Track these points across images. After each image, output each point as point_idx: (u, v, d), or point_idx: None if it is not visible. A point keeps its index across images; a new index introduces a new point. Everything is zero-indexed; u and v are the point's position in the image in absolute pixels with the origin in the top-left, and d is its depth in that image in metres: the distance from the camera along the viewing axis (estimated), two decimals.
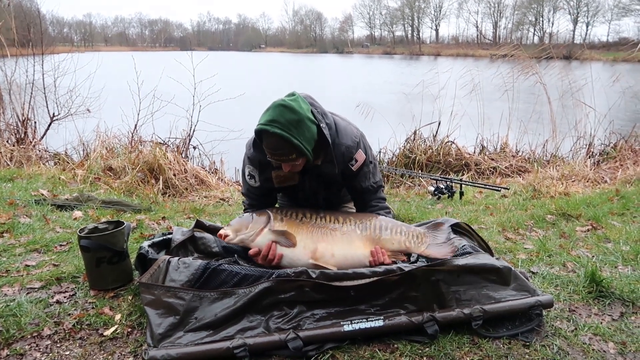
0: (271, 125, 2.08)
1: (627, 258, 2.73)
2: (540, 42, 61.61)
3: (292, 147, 2.12)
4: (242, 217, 2.29)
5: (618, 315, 2.12)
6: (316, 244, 2.22)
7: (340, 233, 2.27)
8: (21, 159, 5.49)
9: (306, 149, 2.16)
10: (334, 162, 2.33)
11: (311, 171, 2.40)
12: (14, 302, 2.06)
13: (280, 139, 2.08)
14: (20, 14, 7.87)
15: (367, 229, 2.30)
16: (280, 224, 2.24)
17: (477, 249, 2.26)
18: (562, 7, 70.07)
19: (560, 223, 3.44)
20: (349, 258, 2.25)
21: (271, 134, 2.08)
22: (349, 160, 2.41)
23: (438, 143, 6.50)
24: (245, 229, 2.23)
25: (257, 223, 2.24)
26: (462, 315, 1.92)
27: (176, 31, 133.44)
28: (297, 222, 2.26)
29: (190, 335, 1.77)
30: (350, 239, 2.27)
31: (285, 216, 2.27)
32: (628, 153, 6.25)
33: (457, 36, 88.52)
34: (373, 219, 2.34)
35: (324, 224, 2.28)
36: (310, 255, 2.20)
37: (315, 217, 2.29)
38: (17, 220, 3.12)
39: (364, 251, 2.26)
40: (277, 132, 2.07)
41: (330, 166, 2.34)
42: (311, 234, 2.24)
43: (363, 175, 2.48)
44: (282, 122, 2.09)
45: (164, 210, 3.75)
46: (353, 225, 2.30)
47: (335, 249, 2.23)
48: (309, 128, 2.18)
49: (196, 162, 6.15)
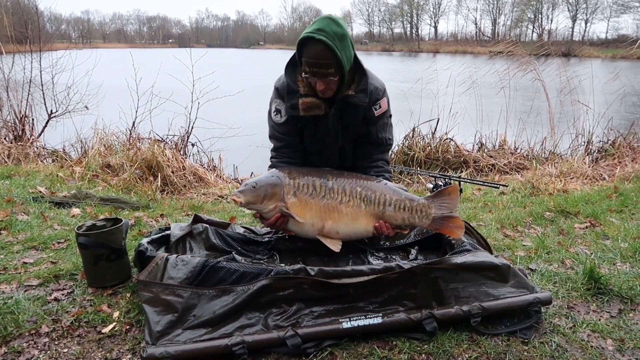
0: (318, 33, 2.15)
1: (625, 255, 2.73)
2: (539, 39, 61.59)
3: (334, 59, 2.19)
4: (257, 187, 2.26)
5: (616, 312, 2.12)
6: (323, 221, 2.29)
7: (345, 210, 2.30)
8: (19, 156, 5.47)
9: (345, 66, 2.24)
10: (366, 91, 2.39)
11: (338, 103, 2.43)
12: (12, 299, 2.06)
13: (325, 48, 2.15)
14: (18, 10, 7.83)
15: (372, 204, 2.31)
16: (292, 199, 2.27)
17: (476, 246, 2.26)
18: (561, 4, 70.07)
19: (559, 220, 3.44)
20: (353, 234, 2.37)
21: (317, 41, 2.14)
22: (374, 101, 2.48)
23: (437, 140, 6.49)
24: (259, 203, 2.26)
25: (270, 200, 2.26)
26: (460, 312, 1.92)
27: (174, 28, 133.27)
28: (307, 198, 2.28)
29: (189, 332, 1.77)
30: (355, 216, 2.31)
31: (298, 190, 2.28)
32: (626, 150, 6.25)
33: (455, 33, 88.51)
34: (378, 192, 2.32)
35: (331, 199, 2.29)
36: (317, 232, 2.31)
37: (324, 189, 2.30)
38: (15, 218, 3.11)
39: (367, 227, 2.34)
40: (323, 39, 2.14)
41: (362, 96, 2.39)
42: (319, 212, 2.29)
43: (382, 125, 2.56)
44: (329, 32, 2.16)
45: (162, 208, 3.74)
46: (358, 200, 2.30)
47: (341, 226, 2.31)
48: (350, 48, 2.28)
49: (194, 159, 6.13)
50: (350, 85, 2.42)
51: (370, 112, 2.50)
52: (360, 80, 2.42)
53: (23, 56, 6.56)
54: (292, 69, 2.43)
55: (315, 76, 2.26)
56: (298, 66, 2.38)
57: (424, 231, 2.56)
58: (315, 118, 2.46)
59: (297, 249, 2.51)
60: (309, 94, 2.39)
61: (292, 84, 2.40)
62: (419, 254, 2.45)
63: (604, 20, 66.87)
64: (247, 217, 3.55)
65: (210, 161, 6.15)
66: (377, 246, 2.55)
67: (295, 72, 2.43)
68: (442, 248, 2.41)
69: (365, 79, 2.42)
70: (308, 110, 2.41)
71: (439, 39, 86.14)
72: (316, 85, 2.31)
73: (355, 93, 2.41)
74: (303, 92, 2.38)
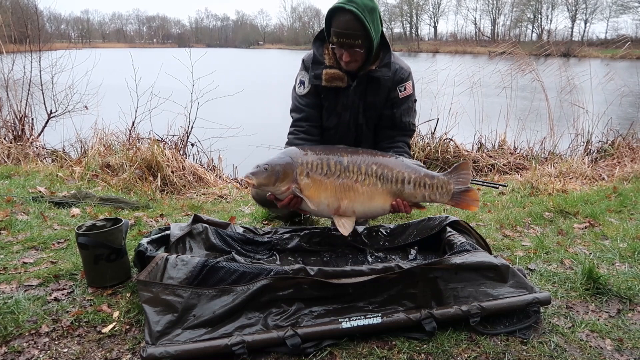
0: (348, 4, 2.21)
1: (624, 255, 2.74)
2: (538, 39, 61.60)
3: (362, 30, 2.23)
4: (269, 168, 2.21)
5: (615, 312, 2.12)
6: (339, 201, 2.25)
7: (361, 189, 2.25)
8: (18, 156, 5.47)
9: (373, 38, 2.28)
10: (389, 66, 2.43)
11: (360, 78, 2.45)
12: (12, 299, 2.06)
13: (354, 18, 2.21)
14: (18, 10, 7.83)
15: (389, 182, 2.26)
16: (306, 180, 2.22)
17: (475, 246, 2.26)
18: (560, 4, 70.10)
19: (558, 220, 3.45)
20: (369, 213, 2.36)
21: (347, 11, 2.20)
22: (399, 81, 2.52)
23: (436, 140, 6.49)
24: (271, 185, 2.23)
25: (282, 181, 2.22)
26: (460, 312, 1.92)
27: (174, 28, 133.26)
28: (321, 179, 2.23)
29: (189, 332, 1.77)
30: (372, 195, 2.27)
31: (311, 170, 2.23)
32: (626, 150, 6.26)
33: (455, 33, 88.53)
34: (395, 169, 2.27)
35: (346, 178, 2.24)
36: (333, 212, 2.28)
37: (339, 168, 2.24)
38: (15, 218, 3.11)
39: (384, 205, 2.31)
40: (353, 10, 2.19)
41: (385, 70, 2.43)
42: (335, 192, 2.24)
43: (406, 109, 2.57)
44: (359, 4, 2.22)
45: (162, 208, 3.74)
46: (374, 178, 2.26)
47: (357, 205, 2.27)
48: (379, 22, 2.33)
49: (194, 159, 6.13)
50: (375, 62, 2.46)
51: (395, 92, 2.52)
52: (384, 55, 2.47)
53: (23, 56, 6.55)
54: (319, 42, 2.51)
55: (343, 47, 2.30)
56: (325, 40, 2.45)
57: (424, 231, 2.56)
58: (336, 91, 2.49)
59: (296, 248, 2.52)
60: (334, 66, 2.45)
61: (318, 55, 2.47)
62: (418, 254, 2.46)
63: (604, 20, 67.03)
64: (246, 217, 3.56)
65: (210, 161, 6.15)
66: (377, 246, 2.56)
67: (322, 46, 2.50)
68: (442, 248, 2.41)
69: (389, 54, 2.47)
70: (330, 81, 2.46)
71: (438, 39, 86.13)
72: (342, 56, 2.34)
73: (378, 67, 2.45)
74: (328, 64, 2.45)
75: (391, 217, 3.51)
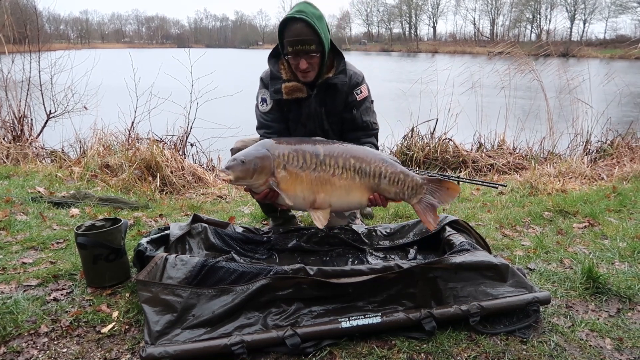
0: (297, 14, 2.36)
1: (623, 254, 2.74)
2: (537, 39, 61.64)
3: (314, 35, 2.37)
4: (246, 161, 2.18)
5: (615, 312, 2.12)
6: (315, 195, 2.23)
7: (339, 182, 2.23)
8: (18, 156, 5.47)
9: (325, 43, 2.42)
10: (345, 72, 2.56)
11: (319, 87, 2.57)
12: (11, 299, 2.06)
13: (305, 25, 2.35)
14: (17, 10, 7.82)
15: (367, 176, 2.25)
16: (283, 173, 2.19)
17: (474, 246, 2.26)
18: (559, 5, 70.19)
19: (558, 220, 3.45)
20: (346, 206, 2.37)
21: (298, 19, 2.35)
22: (355, 85, 2.65)
23: (436, 140, 6.49)
24: (248, 178, 2.19)
25: (260, 174, 2.18)
26: (459, 311, 1.92)
27: (173, 28, 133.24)
28: (297, 171, 2.20)
29: (188, 332, 1.77)
30: (349, 189, 2.26)
31: (288, 162, 2.20)
32: (625, 150, 6.26)
33: (454, 33, 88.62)
34: (373, 164, 2.26)
35: (323, 171, 2.21)
36: (309, 205, 2.25)
37: (315, 162, 2.22)
38: (14, 218, 3.11)
39: (361, 199, 2.30)
40: (303, 17, 2.34)
41: (342, 77, 2.56)
42: (310, 184, 2.22)
43: (365, 109, 2.68)
44: (308, 13, 2.37)
45: (161, 208, 3.74)
46: (352, 172, 2.24)
47: (334, 199, 2.26)
48: (327, 30, 2.47)
49: (193, 159, 6.13)
50: (330, 70, 2.58)
51: (352, 96, 2.64)
52: (339, 63, 2.59)
53: (22, 56, 6.54)
54: (274, 59, 2.62)
55: (299, 54, 2.41)
56: (279, 57, 2.58)
57: (423, 230, 2.56)
58: (298, 102, 2.58)
59: (296, 248, 2.52)
60: (292, 79, 2.56)
61: (275, 72, 2.57)
62: (417, 254, 2.46)
63: (602, 20, 67.06)
64: (246, 217, 3.56)
65: (209, 161, 6.14)
66: (377, 246, 2.56)
67: (277, 62, 2.61)
68: (441, 248, 2.41)
69: (343, 61, 2.59)
70: (291, 93, 2.55)
71: (437, 39, 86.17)
72: (299, 65, 2.44)
73: (335, 75, 2.57)
74: (286, 78, 2.55)
75: (391, 217, 3.51)
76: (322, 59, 2.50)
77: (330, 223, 2.72)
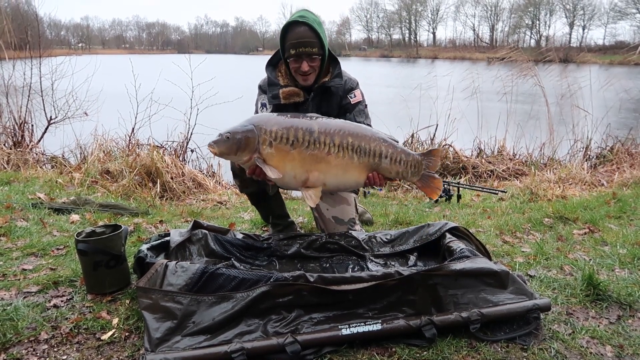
0: (300, 18, 2.44)
1: (624, 261, 2.73)
2: (537, 45, 61.89)
3: (317, 38, 2.45)
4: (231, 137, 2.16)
5: (615, 319, 2.12)
6: (308, 173, 2.19)
7: (335, 161, 2.19)
8: (18, 162, 5.47)
9: (325, 46, 2.51)
10: (341, 76, 2.64)
11: (316, 91, 2.63)
12: (11, 306, 2.06)
13: (308, 29, 2.43)
14: (18, 16, 7.86)
15: (366, 156, 2.23)
16: (268, 150, 2.15)
17: (475, 252, 2.26)
18: (558, 11, 70.48)
19: (558, 226, 3.45)
20: (342, 186, 2.36)
21: (301, 23, 2.43)
22: (349, 90, 2.73)
23: (435, 146, 6.50)
24: (233, 154, 2.18)
25: (244, 150, 2.16)
26: (460, 318, 1.92)
27: (174, 34, 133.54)
28: (287, 148, 2.16)
29: (188, 339, 1.76)
30: (346, 168, 2.23)
31: (275, 140, 2.16)
32: (625, 156, 6.27)
33: (454, 39, 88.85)
34: (372, 143, 2.24)
35: (317, 150, 2.17)
36: (300, 184, 2.21)
37: (309, 139, 2.16)
38: (14, 224, 3.11)
39: (358, 179, 2.27)
40: (305, 21, 2.42)
41: (337, 80, 2.63)
42: (302, 162, 2.17)
43: (359, 112, 2.74)
44: (309, 18, 2.45)
45: (161, 214, 3.74)
46: (350, 152, 2.21)
47: (328, 178, 2.22)
48: (325, 35, 2.54)
49: (194, 165, 6.14)
50: (327, 75, 2.65)
51: (346, 99, 2.71)
52: (334, 68, 2.67)
53: (23, 62, 6.56)
54: (271, 67, 2.69)
55: (301, 57, 2.47)
56: (277, 65, 2.67)
57: (424, 237, 2.56)
58: (295, 106, 2.63)
59: (296, 255, 2.52)
60: (289, 84, 2.62)
61: (273, 78, 2.63)
62: (418, 260, 2.46)
63: (602, 26, 67.27)
64: (246, 223, 3.56)
65: (210, 167, 6.15)
66: (377, 252, 2.56)
67: (275, 69, 2.68)
68: (441, 254, 2.41)
69: (339, 66, 2.67)
70: (288, 98, 2.61)
71: (437, 45, 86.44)
72: (301, 67, 2.49)
73: (331, 79, 2.64)
74: (283, 84, 2.61)
75: (391, 223, 3.51)
76: (322, 63, 2.57)
77: (331, 229, 2.73)
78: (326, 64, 2.65)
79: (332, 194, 2.82)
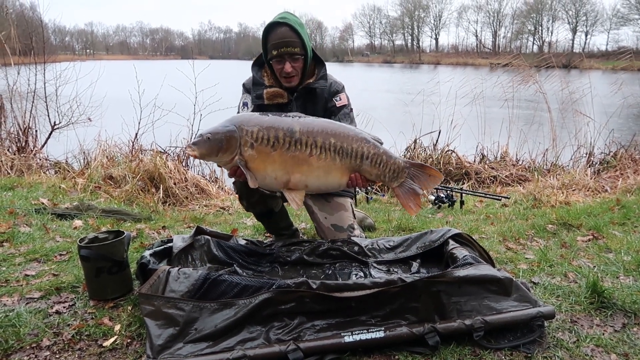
0: (282, 19, 2.46)
1: (628, 268, 2.72)
2: (539, 51, 61.81)
3: (298, 38, 2.47)
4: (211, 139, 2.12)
5: (620, 327, 2.10)
6: (288, 175, 2.16)
7: (317, 163, 2.15)
8: (22, 167, 5.49)
9: (307, 48, 2.52)
10: (326, 77, 2.66)
11: (300, 92, 2.64)
12: (13, 312, 2.05)
13: (289, 29, 2.45)
14: (23, 22, 7.91)
15: (348, 157, 2.20)
16: (250, 151, 2.12)
17: (478, 259, 2.25)
18: (561, 17, 70.54)
19: (561, 233, 3.43)
20: (324, 188, 2.33)
21: (281, 24, 2.45)
22: (335, 93, 2.73)
23: (438, 152, 6.50)
24: (214, 155, 2.15)
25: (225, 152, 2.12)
26: (463, 326, 1.91)
27: (177, 40, 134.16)
28: (268, 149, 2.12)
29: (190, 346, 1.76)
30: (328, 170, 2.19)
31: (256, 141, 2.12)
32: (628, 162, 6.25)
33: (456, 45, 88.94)
34: (355, 144, 2.20)
35: (298, 151, 2.13)
36: (282, 185, 2.18)
37: (289, 140, 2.13)
38: (17, 230, 3.11)
39: (340, 180, 2.24)
40: (286, 22, 2.44)
41: (322, 82, 2.64)
42: (284, 163, 2.14)
43: (344, 115, 2.72)
44: (290, 19, 2.47)
45: (164, 220, 3.74)
46: (332, 153, 2.17)
47: (311, 180, 2.19)
48: (308, 37, 2.56)
49: (196, 170, 6.15)
50: (311, 77, 2.66)
51: (332, 102, 2.71)
52: (320, 70, 2.68)
53: (27, 68, 6.60)
54: (257, 67, 2.71)
55: (283, 57, 2.48)
56: (263, 65, 2.67)
57: (426, 244, 2.55)
58: (279, 107, 2.62)
59: (298, 261, 2.51)
60: (274, 85, 2.63)
61: (258, 78, 2.65)
62: (421, 267, 2.45)
63: (604, 32, 67.19)
64: (249, 229, 3.55)
65: (212, 173, 6.16)
66: (379, 259, 2.55)
67: (260, 70, 2.69)
68: (444, 261, 2.40)
69: (324, 68, 2.69)
70: (272, 98, 2.61)
71: (440, 51, 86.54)
72: (284, 68, 2.51)
73: (316, 80, 2.65)
74: (268, 84, 2.62)
75: (393, 230, 3.50)
76: (304, 64, 2.58)
77: (331, 237, 2.72)
78: (311, 66, 2.66)
79: (327, 201, 2.84)
